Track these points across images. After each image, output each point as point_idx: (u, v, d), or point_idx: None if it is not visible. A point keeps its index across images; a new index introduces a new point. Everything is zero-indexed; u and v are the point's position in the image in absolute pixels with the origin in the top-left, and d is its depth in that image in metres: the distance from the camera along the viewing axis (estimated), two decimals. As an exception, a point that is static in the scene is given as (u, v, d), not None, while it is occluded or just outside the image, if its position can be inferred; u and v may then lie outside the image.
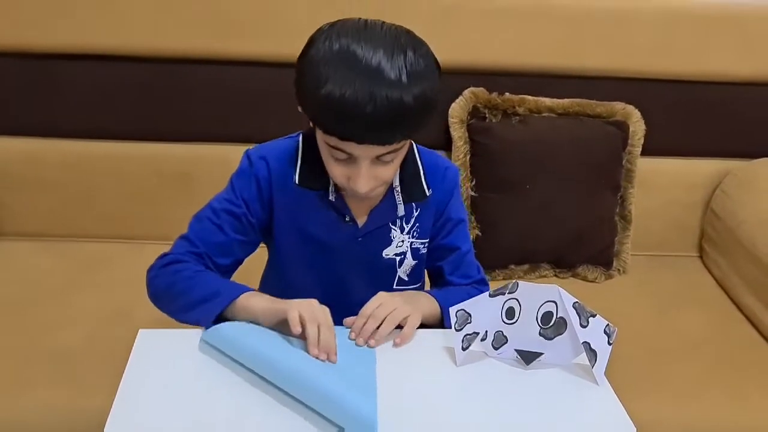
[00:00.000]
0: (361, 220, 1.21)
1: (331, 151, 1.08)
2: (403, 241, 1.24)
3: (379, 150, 1.05)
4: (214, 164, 1.89)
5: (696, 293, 1.90)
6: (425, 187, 1.22)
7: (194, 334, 1.10)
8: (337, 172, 1.10)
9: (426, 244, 1.27)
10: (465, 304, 1.08)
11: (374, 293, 1.15)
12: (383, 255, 1.24)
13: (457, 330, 1.07)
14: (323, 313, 1.07)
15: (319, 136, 1.10)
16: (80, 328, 1.56)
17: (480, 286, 1.29)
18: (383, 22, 1.06)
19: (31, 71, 1.83)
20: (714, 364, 1.63)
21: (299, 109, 1.09)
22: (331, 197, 1.18)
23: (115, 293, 1.65)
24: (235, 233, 1.19)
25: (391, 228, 1.23)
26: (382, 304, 1.13)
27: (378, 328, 1.11)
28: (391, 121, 1.01)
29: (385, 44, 1.01)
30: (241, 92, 1.88)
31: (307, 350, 1.03)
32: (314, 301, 1.08)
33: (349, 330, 1.12)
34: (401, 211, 1.22)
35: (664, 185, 2.01)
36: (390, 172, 1.12)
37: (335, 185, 1.17)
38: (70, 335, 1.54)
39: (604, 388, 1.06)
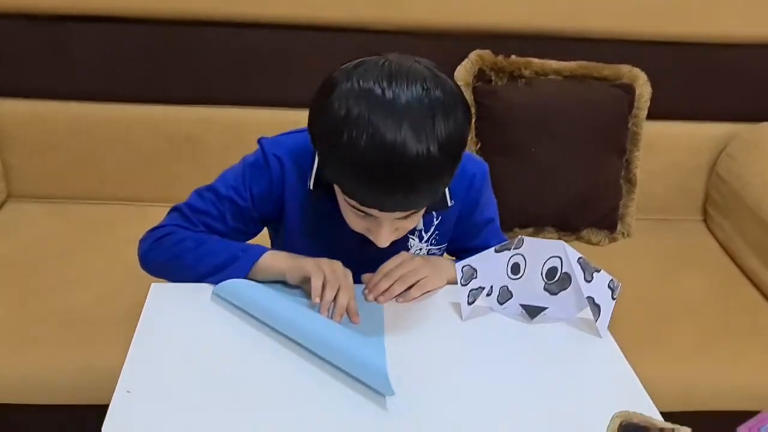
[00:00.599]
0: None
1: (350, 207, 1.02)
2: (420, 249, 1.22)
3: (402, 213, 1.01)
4: (221, 127, 1.90)
5: (700, 256, 1.91)
6: (448, 198, 1.15)
7: (206, 287, 1.11)
8: (356, 225, 1.06)
9: (443, 249, 1.25)
10: (471, 260, 1.09)
11: None
12: None
13: (462, 285, 1.08)
14: (345, 277, 1.08)
15: (337, 190, 1.03)
16: (87, 289, 1.57)
17: None
18: (409, 65, 0.95)
19: (38, 33, 1.82)
20: (716, 326, 1.64)
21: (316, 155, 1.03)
22: None
23: (122, 255, 1.63)
24: (235, 222, 1.15)
25: (409, 237, 1.19)
26: (401, 264, 1.13)
27: (391, 286, 1.11)
28: (419, 184, 0.94)
29: (409, 87, 0.92)
30: (248, 55, 1.86)
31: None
32: (338, 265, 1.09)
33: (364, 286, 1.14)
34: (420, 224, 1.18)
35: (669, 148, 2.01)
36: (413, 223, 1.07)
37: None
38: (77, 296, 1.55)
39: (607, 342, 1.08)
